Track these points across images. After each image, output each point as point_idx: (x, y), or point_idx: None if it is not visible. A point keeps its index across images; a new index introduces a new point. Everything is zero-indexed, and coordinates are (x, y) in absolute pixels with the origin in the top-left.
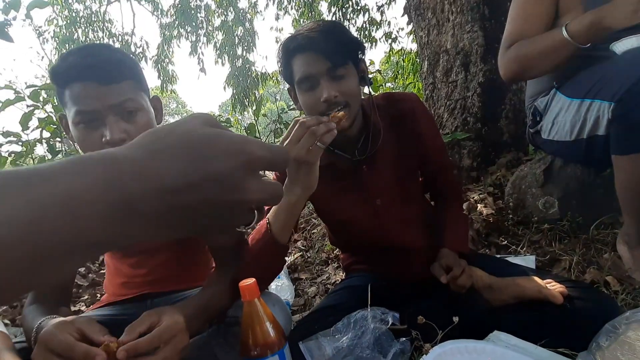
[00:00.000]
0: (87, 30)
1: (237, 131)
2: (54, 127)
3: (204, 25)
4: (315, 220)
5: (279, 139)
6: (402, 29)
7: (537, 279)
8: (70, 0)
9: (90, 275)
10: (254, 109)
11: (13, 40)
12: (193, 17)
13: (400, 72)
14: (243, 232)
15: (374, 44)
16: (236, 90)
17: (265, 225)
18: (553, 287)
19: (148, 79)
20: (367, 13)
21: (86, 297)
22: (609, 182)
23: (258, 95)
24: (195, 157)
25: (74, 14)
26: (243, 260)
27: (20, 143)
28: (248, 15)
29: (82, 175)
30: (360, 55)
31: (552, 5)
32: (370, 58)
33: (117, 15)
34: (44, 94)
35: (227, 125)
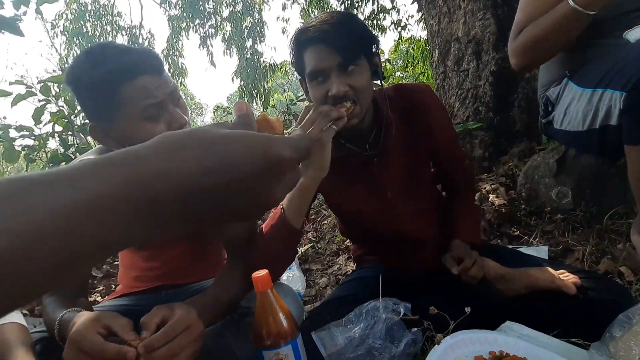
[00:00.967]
0: (96, 24)
1: None
2: (66, 121)
3: (212, 16)
4: (325, 211)
5: (288, 130)
6: (412, 17)
7: (550, 269)
8: None
9: (104, 266)
10: (263, 100)
11: (24, 34)
12: (201, 8)
13: (410, 60)
14: (257, 224)
15: (383, 32)
16: (244, 82)
17: (280, 211)
18: (566, 277)
19: None
20: (376, 1)
21: (101, 288)
22: (624, 172)
23: (266, 86)
24: (219, 157)
25: (82, 7)
26: (255, 252)
27: (33, 137)
28: (256, 5)
29: (106, 178)
30: (374, 49)
31: None
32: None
33: (125, 8)
34: (55, 87)
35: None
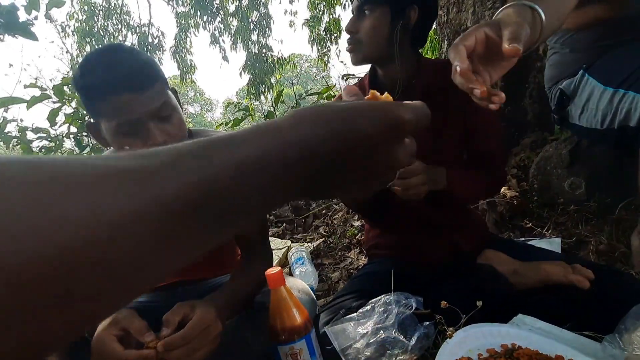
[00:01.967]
0: (106, 24)
1: (254, 120)
2: (80, 122)
3: (219, 12)
4: (336, 206)
5: None
6: None
7: (563, 263)
8: None
9: None
10: (274, 96)
11: (37, 38)
12: (208, 4)
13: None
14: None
15: None
16: (253, 76)
17: None
18: (579, 271)
19: (166, 69)
20: None
21: None
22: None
23: (274, 80)
24: (346, 122)
25: (92, 7)
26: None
27: (49, 139)
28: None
29: (254, 144)
30: (406, 4)
31: None
32: None
33: (134, 6)
34: (68, 89)
35: (246, 113)
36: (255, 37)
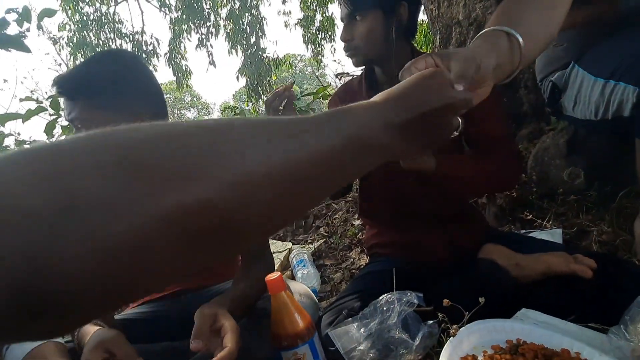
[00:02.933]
0: (98, 33)
1: None
2: None
3: (211, 17)
4: (336, 205)
5: None
6: None
7: (565, 254)
8: (80, 5)
9: None
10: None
11: (30, 50)
12: (199, 9)
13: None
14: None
15: None
16: (250, 79)
17: None
18: (582, 261)
19: (162, 75)
20: None
21: None
22: None
23: (272, 81)
24: (418, 100)
25: (84, 17)
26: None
27: None
28: (254, 1)
29: (365, 117)
30: (395, 3)
31: None
32: None
33: (126, 15)
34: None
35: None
36: (250, 40)
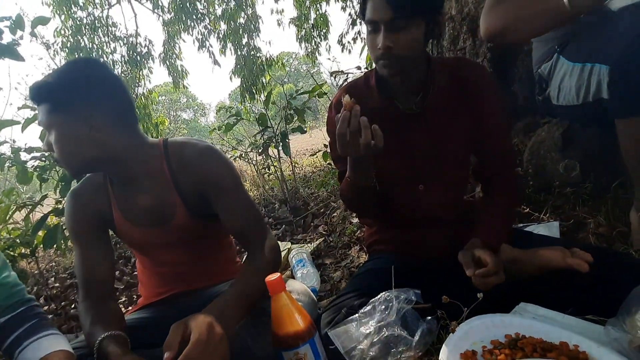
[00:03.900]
0: (93, 37)
1: (248, 121)
2: None
3: (205, 17)
4: (334, 203)
5: (290, 126)
6: None
7: (561, 248)
8: (73, 9)
9: (124, 277)
10: (264, 98)
11: (24, 59)
12: (193, 9)
13: None
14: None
15: None
16: (244, 79)
17: (348, 178)
18: (578, 255)
19: (158, 76)
20: None
21: (123, 299)
22: None
23: (265, 81)
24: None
25: (78, 22)
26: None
27: (43, 158)
28: (249, 0)
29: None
30: (434, 10)
31: None
32: None
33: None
34: None
35: (237, 118)
36: (244, 40)
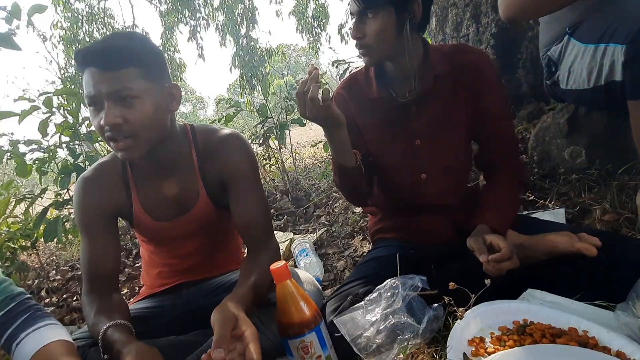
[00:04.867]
0: (90, 29)
1: (248, 114)
2: (71, 130)
3: (202, 8)
4: (336, 194)
5: (290, 117)
6: None
7: (568, 233)
8: (71, 0)
9: (126, 270)
10: (262, 88)
11: (20, 48)
12: (190, 0)
13: None
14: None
15: None
16: (243, 70)
17: (332, 158)
18: (586, 239)
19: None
20: None
21: (125, 290)
22: None
23: (265, 72)
24: None
25: (75, 13)
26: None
27: (42, 150)
28: None
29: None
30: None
31: None
32: None
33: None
34: (57, 99)
35: (237, 109)
36: (243, 31)
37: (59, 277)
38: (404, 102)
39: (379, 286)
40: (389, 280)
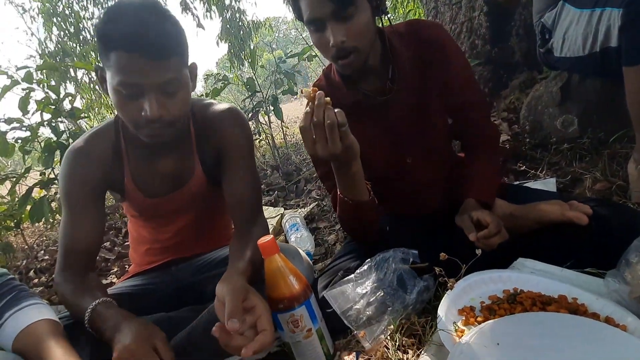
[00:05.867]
0: (70, 1)
1: (236, 87)
2: (53, 107)
3: None
4: None
5: (280, 90)
6: None
7: (559, 201)
8: None
9: (116, 248)
10: (250, 61)
11: None
12: None
13: (399, 0)
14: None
15: None
16: (231, 44)
17: (339, 195)
18: (577, 207)
19: None
20: None
21: (115, 269)
22: None
23: (252, 45)
24: None
25: None
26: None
27: (23, 128)
28: None
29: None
30: None
31: None
32: None
33: None
34: (38, 74)
35: (225, 83)
36: (227, 1)
37: (47, 257)
38: (380, 98)
39: (369, 259)
40: (379, 253)
